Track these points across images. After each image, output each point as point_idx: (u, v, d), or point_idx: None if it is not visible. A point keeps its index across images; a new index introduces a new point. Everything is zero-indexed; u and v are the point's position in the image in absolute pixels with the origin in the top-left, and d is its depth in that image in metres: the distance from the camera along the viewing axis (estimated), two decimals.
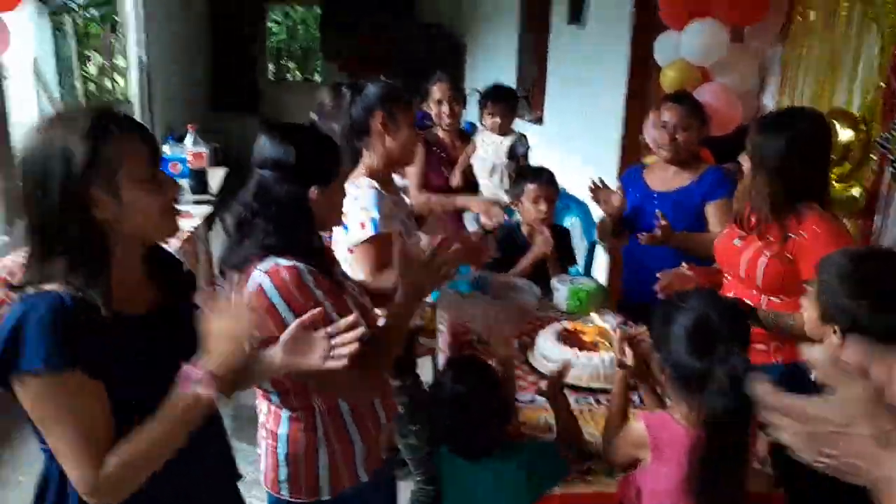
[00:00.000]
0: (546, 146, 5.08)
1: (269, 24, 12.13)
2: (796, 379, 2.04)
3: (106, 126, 1.10)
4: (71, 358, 1.05)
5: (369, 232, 1.89)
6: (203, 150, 4.32)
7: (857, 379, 0.76)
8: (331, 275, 1.55)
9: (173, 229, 1.25)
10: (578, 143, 5.02)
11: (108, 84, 6.36)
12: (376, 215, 1.89)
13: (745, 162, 2.05)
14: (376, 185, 1.96)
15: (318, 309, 1.31)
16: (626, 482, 1.54)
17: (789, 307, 1.95)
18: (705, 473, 1.35)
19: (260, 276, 1.41)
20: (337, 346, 1.27)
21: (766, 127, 2.02)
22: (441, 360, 2.58)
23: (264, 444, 1.58)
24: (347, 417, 1.55)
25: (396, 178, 2.49)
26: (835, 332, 1.52)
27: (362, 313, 1.54)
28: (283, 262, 1.42)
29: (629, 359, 1.67)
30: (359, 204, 1.91)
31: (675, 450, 1.41)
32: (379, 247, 1.89)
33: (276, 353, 1.30)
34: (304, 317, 1.28)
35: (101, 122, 1.10)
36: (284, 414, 1.53)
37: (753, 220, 2.03)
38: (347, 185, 1.96)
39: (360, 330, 1.28)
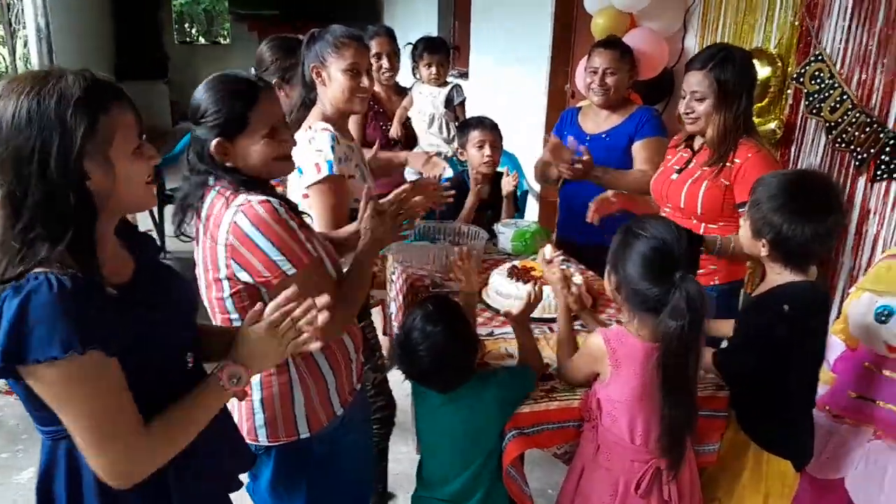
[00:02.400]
0: (473, 100, 5.15)
1: None
2: (732, 296, 2.26)
3: (101, 94, 1.06)
4: (88, 339, 1.00)
5: (324, 173, 1.88)
6: None
7: None
8: (298, 214, 1.56)
9: (154, 198, 1.22)
10: (505, 95, 5.10)
11: None
12: (331, 156, 1.89)
13: (700, 105, 2.13)
14: (330, 127, 1.95)
15: (293, 289, 1.28)
16: (587, 396, 1.66)
17: (725, 232, 2.13)
18: (664, 382, 1.48)
19: (234, 212, 1.41)
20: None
21: (725, 65, 2.09)
22: (393, 308, 2.64)
23: None
24: (318, 355, 1.57)
25: None
26: (763, 244, 1.68)
27: (326, 253, 1.58)
28: (256, 197, 1.42)
29: (573, 288, 1.81)
30: (314, 146, 1.90)
31: (632, 361, 1.54)
32: (333, 188, 1.89)
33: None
34: (277, 304, 1.26)
35: (96, 91, 1.06)
36: None
37: (707, 154, 2.17)
38: (303, 129, 1.96)
39: (325, 314, 1.28)
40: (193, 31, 13.99)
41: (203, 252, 1.49)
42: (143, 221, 4.86)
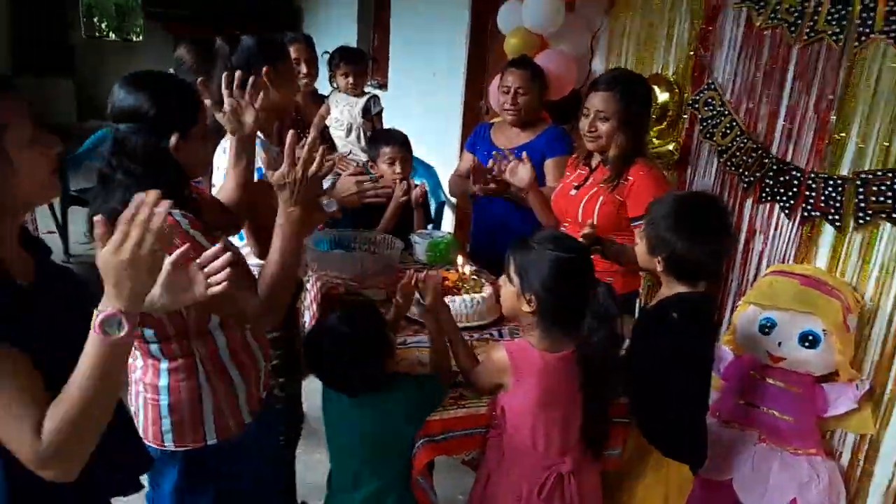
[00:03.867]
0: (391, 111, 5.20)
1: None
2: (628, 306, 2.38)
3: None
4: None
5: (255, 179, 1.87)
6: None
7: None
8: (204, 221, 1.53)
9: (57, 189, 1.17)
10: (423, 107, 5.16)
11: None
12: (261, 164, 1.87)
13: (604, 125, 2.23)
14: (261, 134, 1.94)
15: (185, 245, 1.27)
16: (493, 404, 1.72)
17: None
18: (588, 382, 1.57)
19: None
20: (211, 274, 1.23)
21: (629, 88, 2.22)
22: (307, 317, 2.64)
23: (142, 399, 1.55)
24: (227, 361, 1.56)
25: None
26: (659, 261, 1.80)
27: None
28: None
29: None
30: None
31: (533, 372, 1.60)
32: (263, 192, 1.86)
33: (155, 296, 1.24)
34: (174, 256, 1.20)
35: None
36: (163, 365, 1.51)
37: (603, 172, 2.29)
38: (230, 136, 1.95)
39: (227, 255, 1.24)
40: (103, 25, 13.39)
41: None
42: (44, 222, 4.64)
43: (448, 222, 4.58)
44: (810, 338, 2.06)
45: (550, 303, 1.56)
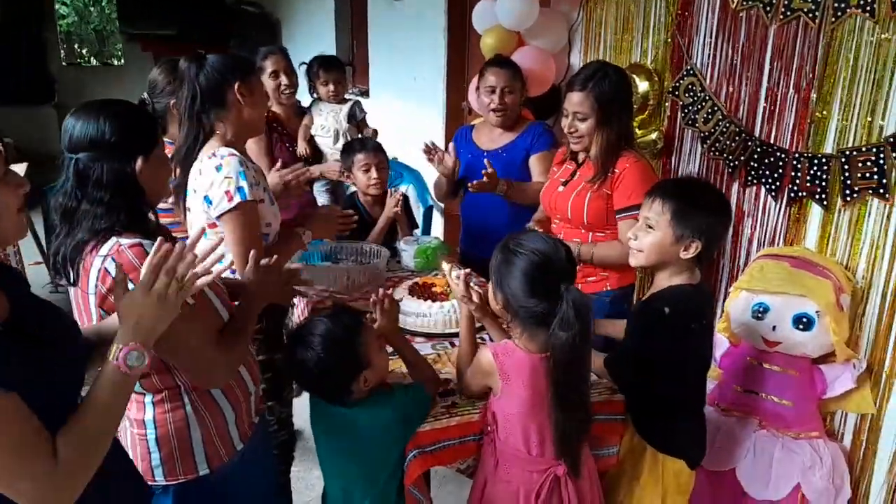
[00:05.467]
0: (374, 116, 5.17)
1: (56, 6, 11.05)
2: (624, 301, 2.35)
3: None
4: None
5: (237, 199, 1.84)
6: None
7: None
8: None
9: (25, 229, 1.16)
10: (405, 112, 5.14)
11: None
12: (243, 182, 1.85)
13: (583, 125, 2.20)
14: (237, 152, 1.91)
15: (160, 241, 1.24)
16: (484, 409, 1.69)
17: (612, 238, 2.23)
18: (556, 391, 1.52)
19: (102, 260, 1.35)
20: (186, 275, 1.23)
21: (603, 84, 2.16)
22: None
23: (129, 435, 1.52)
24: (215, 390, 1.53)
25: None
26: (688, 248, 1.69)
27: (216, 293, 1.55)
28: (125, 240, 1.36)
29: (474, 296, 1.80)
30: (222, 173, 1.85)
31: (520, 374, 1.57)
32: (247, 214, 1.87)
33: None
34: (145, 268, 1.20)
35: None
36: (147, 399, 1.48)
37: (592, 169, 2.25)
38: (205, 157, 1.91)
39: (192, 255, 1.24)
40: (84, 51, 13.36)
41: (75, 299, 1.43)
42: (29, 253, 4.60)
43: (438, 226, 4.55)
44: (804, 320, 2.04)
45: (515, 303, 1.55)
